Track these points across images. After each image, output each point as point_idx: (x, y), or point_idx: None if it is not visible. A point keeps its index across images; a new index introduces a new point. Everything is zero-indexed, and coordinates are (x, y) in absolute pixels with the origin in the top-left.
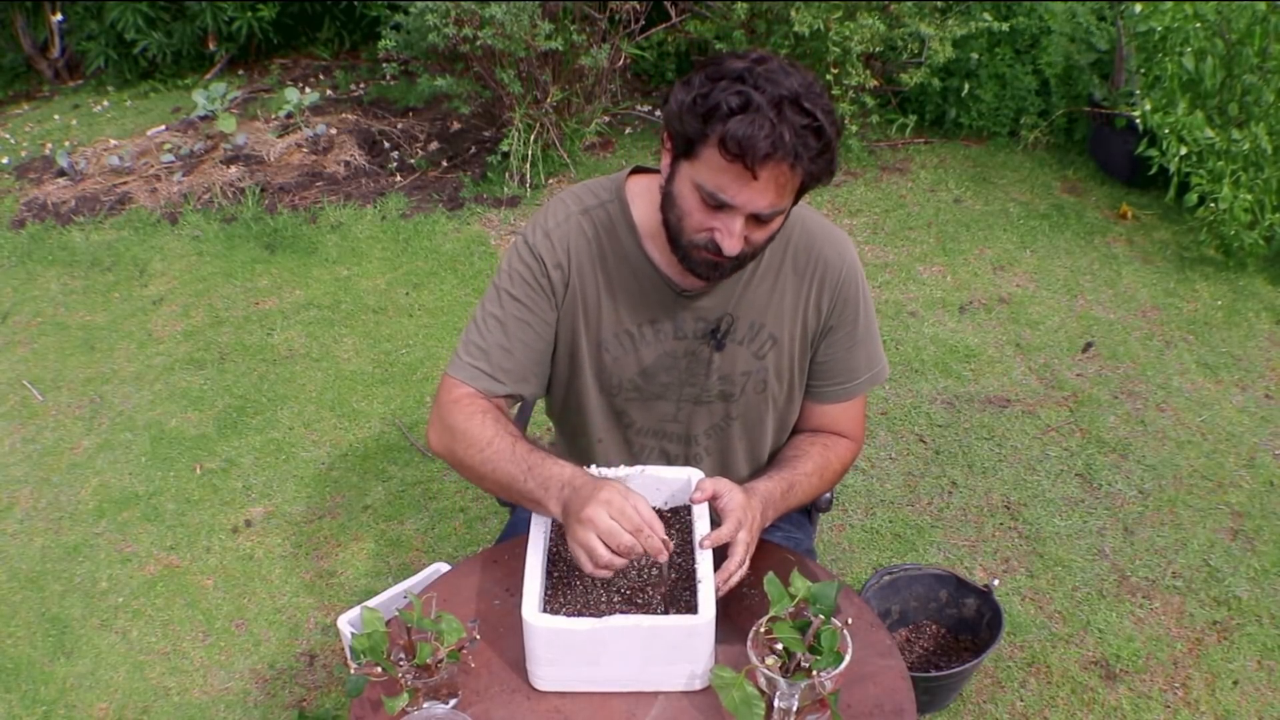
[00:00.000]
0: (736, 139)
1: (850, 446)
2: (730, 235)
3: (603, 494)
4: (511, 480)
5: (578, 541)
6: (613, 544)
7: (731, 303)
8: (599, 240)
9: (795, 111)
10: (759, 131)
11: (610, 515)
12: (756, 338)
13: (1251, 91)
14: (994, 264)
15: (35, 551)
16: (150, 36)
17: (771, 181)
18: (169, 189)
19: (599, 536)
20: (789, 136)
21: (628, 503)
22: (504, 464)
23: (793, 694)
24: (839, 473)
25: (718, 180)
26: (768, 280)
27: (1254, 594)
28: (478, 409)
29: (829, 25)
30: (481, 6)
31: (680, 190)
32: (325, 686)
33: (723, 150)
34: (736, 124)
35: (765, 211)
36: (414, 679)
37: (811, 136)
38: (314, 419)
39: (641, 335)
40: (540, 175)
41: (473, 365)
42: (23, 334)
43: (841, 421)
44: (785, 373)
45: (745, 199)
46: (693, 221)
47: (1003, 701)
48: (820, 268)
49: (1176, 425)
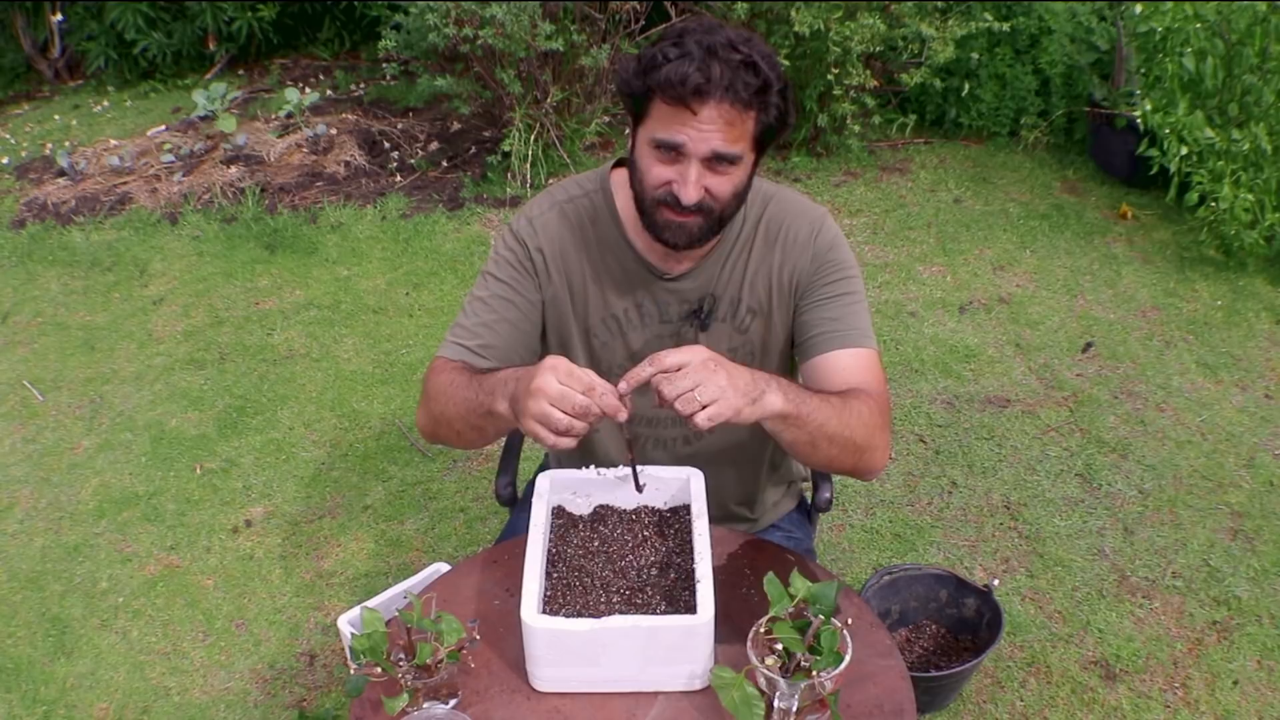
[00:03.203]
0: (670, 80)
1: (870, 399)
2: (685, 183)
3: (547, 362)
4: (467, 404)
5: (530, 415)
6: (566, 407)
7: (712, 283)
8: (583, 228)
9: (728, 51)
10: (690, 67)
11: (559, 380)
12: (738, 312)
13: (1251, 91)
14: (994, 264)
15: (35, 551)
16: (150, 36)
17: (717, 118)
18: (169, 189)
19: (550, 403)
20: (720, 72)
21: (575, 367)
22: (460, 392)
23: (793, 694)
24: (862, 415)
25: (666, 127)
26: (743, 256)
27: (1254, 594)
28: (445, 368)
29: (829, 25)
30: (481, 6)
31: (640, 154)
32: (325, 686)
33: (663, 96)
34: (670, 68)
35: (719, 150)
36: (414, 679)
37: (746, 71)
38: (314, 419)
39: (628, 319)
40: (540, 175)
41: (457, 343)
42: (23, 334)
43: (854, 373)
44: (775, 345)
45: (693, 137)
46: (652, 177)
47: (1003, 701)
48: (790, 233)
49: (1176, 425)
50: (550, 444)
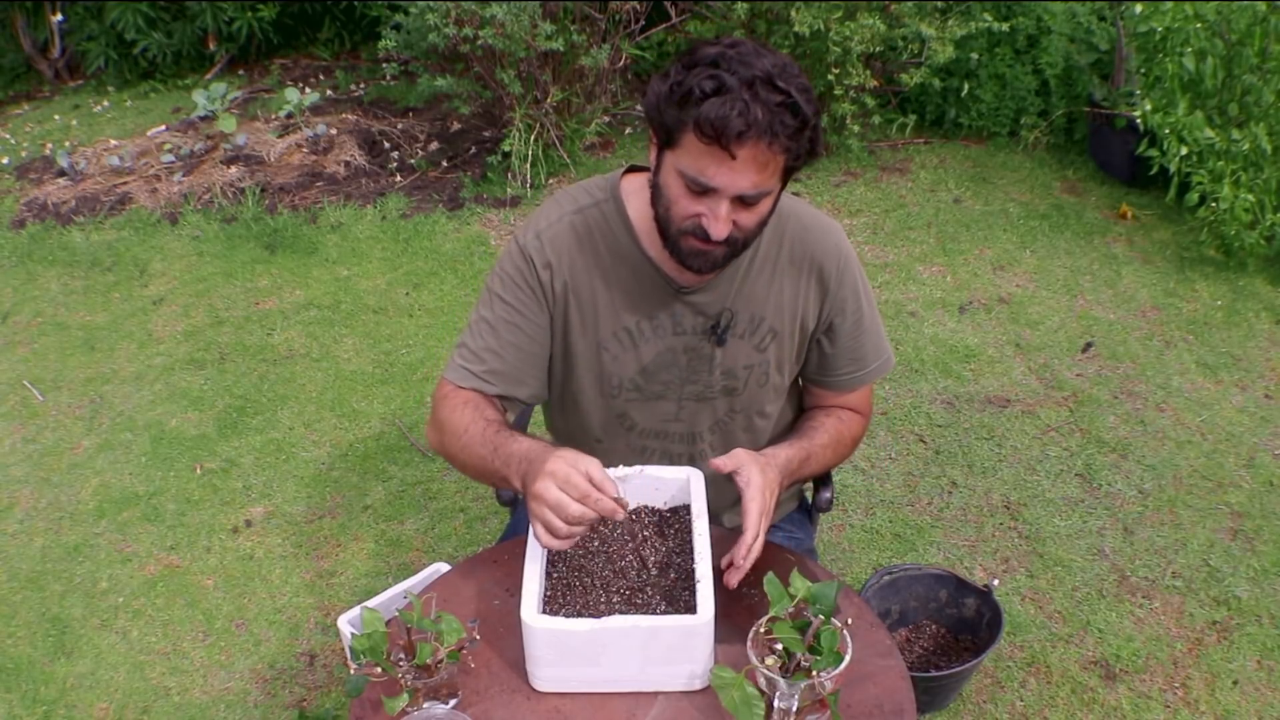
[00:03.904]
0: (710, 121)
1: (861, 421)
2: (716, 219)
3: (548, 465)
4: (482, 461)
5: (534, 517)
6: (562, 515)
7: (730, 297)
8: (593, 239)
9: (768, 90)
10: (732, 111)
11: (557, 486)
12: (757, 331)
13: (1251, 91)
14: (994, 264)
15: (35, 551)
16: (150, 37)
17: (751, 161)
18: (169, 189)
19: (550, 510)
20: (762, 114)
21: (575, 470)
22: (476, 447)
23: (793, 694)
24: (851, 446)
25: (698, 164)
26: (765, 273)
27: (1254, 594)
28: (460, 400)
29: (829, 25)
30: (482, 6)
31: (666, 180)
32: (325, 686)
33: (699, 134)
34: (710, 106)
35: (749, 192)
36: (414, 679)
37: (787, 114)
38: (314, 419)
39: (640, 332)
40: (540, 175)
41: (464, 368)
42: (23, 334)
43: (851, 400)
44: (786, 364)
45: (726, 180)
46: (679, 209)
47: (1003, 701)
48: (817, 260)
49: (1176, 425)
50: (548, 546)
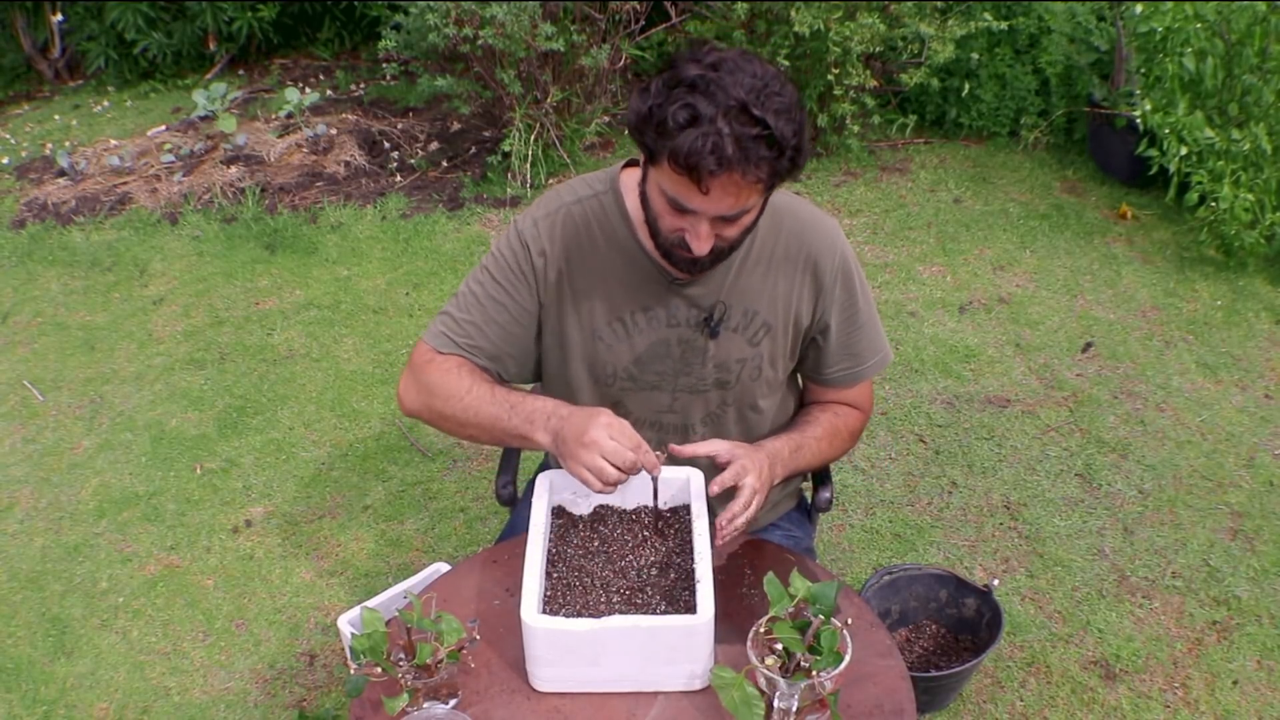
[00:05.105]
0: (684, 155)
1: (860, 416)
2: (697, 237)
3: (601, 418)
4: (495, 420)
5: (582, 464)
6: (617, 461)
7: (724, 290)
8: (591, 229)
9: (743, 121)
10: (704, 147)
11: (611, 436)
12: (750, 324)
13: (1251, 91)
14: (994, 264)
15: (35, 551)
16: (150, 36)
17: (724, 190)
18: (169, 189)
19: (604, 456)
20: (734, 150)
21: (625, 424)
22: (486, 407)
23: (792, 694)
24: (848, 440)
25: (676, 189)
26: (760, 268)
27: (1254, 594)
28: (452, 364)
29: (829, 25)
30: (482, 6)
31: (652, 193)
32: (325, 686)
33: (673, 165)
34: (684, 139)
35: (728, 214)
36: (414, 679)
37: (762, 145)
38: (314, 419)
39: (634, 322)
40: (540, 175)
41: (446, 335)
42: (23, 334)
43: (849, 395)
44: (780, 359)
45: (703, 205)
46: (665, 223)
47: (1003, 701)
48: (813, 256)
49: (1176, 425)
50: (597, 490)
